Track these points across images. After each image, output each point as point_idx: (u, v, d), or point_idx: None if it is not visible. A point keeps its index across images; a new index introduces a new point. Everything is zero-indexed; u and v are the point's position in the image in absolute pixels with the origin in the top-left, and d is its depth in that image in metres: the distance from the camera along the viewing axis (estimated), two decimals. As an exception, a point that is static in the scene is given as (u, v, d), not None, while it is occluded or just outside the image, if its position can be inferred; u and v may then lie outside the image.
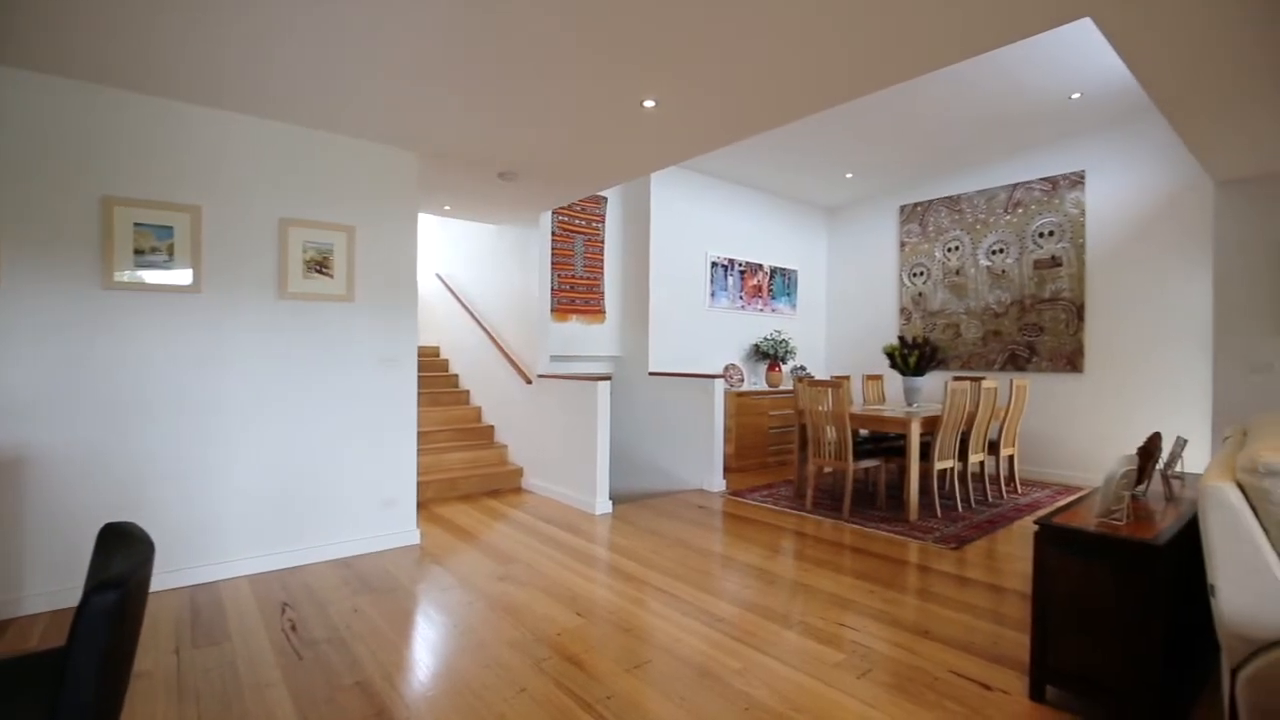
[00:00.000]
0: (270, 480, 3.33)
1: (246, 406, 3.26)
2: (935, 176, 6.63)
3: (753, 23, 2.32)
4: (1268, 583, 1.46)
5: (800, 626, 2.64)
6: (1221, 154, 3.72)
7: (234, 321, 3.22)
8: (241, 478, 3.25)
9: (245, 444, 3.25)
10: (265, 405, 3.31)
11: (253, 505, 3.28)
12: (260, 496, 3.30)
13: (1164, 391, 5.18)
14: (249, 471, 3.27)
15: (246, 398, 3.26)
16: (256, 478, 3.29)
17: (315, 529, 3.47)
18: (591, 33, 2.41)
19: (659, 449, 5.85)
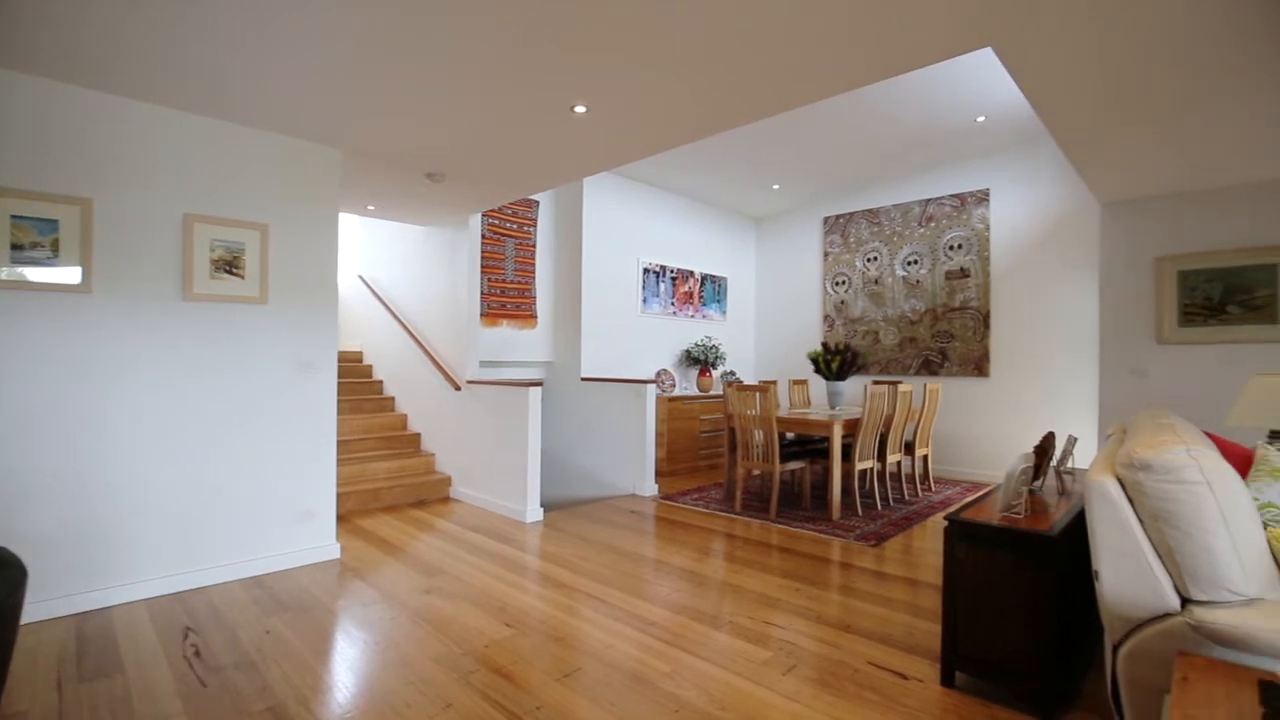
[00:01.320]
0: (171, 495, 3.09)
1: (144, 415, 3.02)
2: (856, 190, 6.95)
3: (680, 38, 2.37)
4: (1142, 568, 1.61)
5: (729, 626, 2.69)
6: (1105, 178, 4.09)
7: (131, 324, 2.98)
8: (137, 493, 3.00)
9: (142, 456, 3.01)
10: (167, 414, 3.08)
11: (151, 523, 3.04)
12: (160, 513, 3.06)
13: (1059, 393, 5.62)
14: (146, 486, 3.02)
15: (145, 406, 3.02)
16: (155, 493, 3.05)
17: (224, 546, 3.25)
18: (523, 36, 2.38)
19: (591, 455, 5.83)
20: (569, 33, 2.36)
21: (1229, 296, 4.20)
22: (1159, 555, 1.60)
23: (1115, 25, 2.26)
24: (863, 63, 2.56)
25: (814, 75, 2.68)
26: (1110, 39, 2.36)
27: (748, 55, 2.51)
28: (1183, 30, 2.29)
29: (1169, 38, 2.34)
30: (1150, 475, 1.56)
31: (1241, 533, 1.54)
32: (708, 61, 2.57)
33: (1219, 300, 4.23)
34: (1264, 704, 1.22)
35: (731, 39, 2.39)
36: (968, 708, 2.06)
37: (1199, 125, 3.18)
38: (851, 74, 2.66)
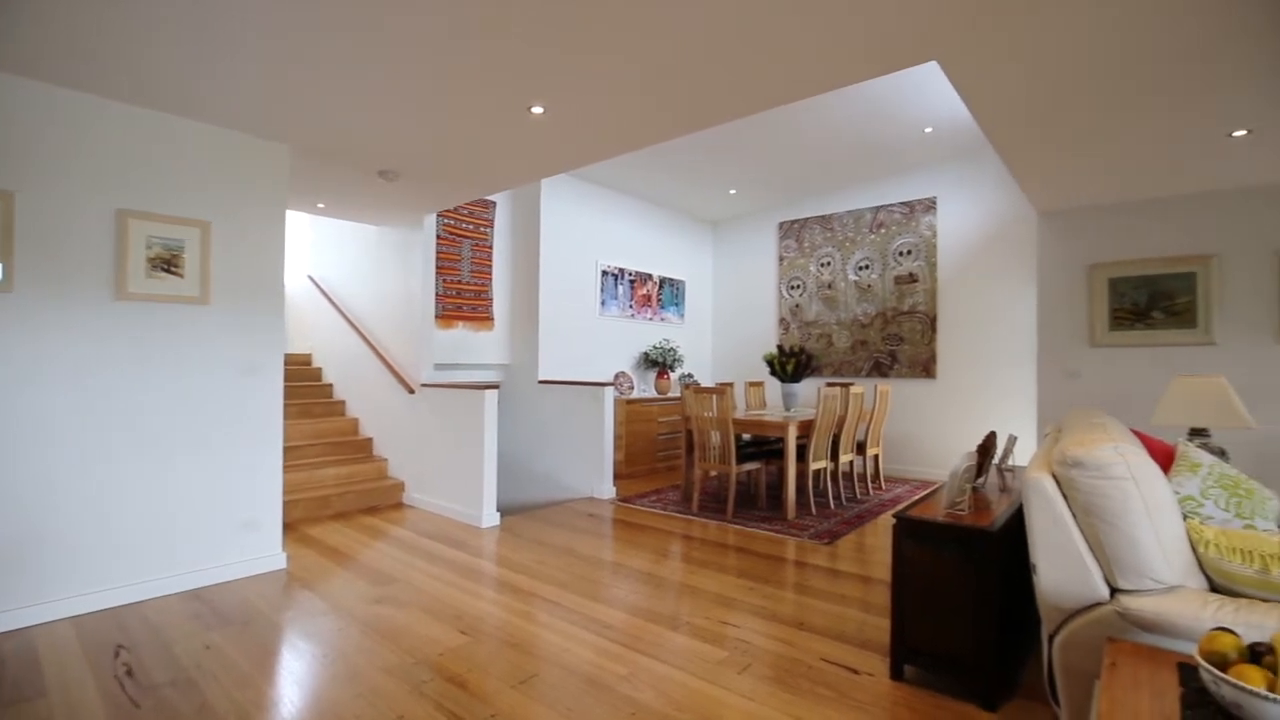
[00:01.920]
0: (104, 506, 2.93)
1: (74, 420, 2.85)
2: (810, 196, 7.10)
3: (637, 45, 2.38)
4: (1075, 560, 1.69)
5: (686, 628, 2.71)
6: (1042, 189, 4.29)
7: (58, 324, 2.82)
8: (66, 504, 2.83)
9: (70, 464, 2.84)
10: (99, 419, 2.92)
11: (81, 536, 2.87)
12: (91, 525, 2.89)
13: (1001, 394, 5.86)
14: (76, 497, 2.86)
15: (74, 410, 2.85)
16: (86, 504, 2.88)
17: (161, 558, 3.09)
18: (479, 35, 2.36)
19: (549, 458, 5.79)
20: (526, 33, 2.34)
21: (1154, 302, 4.46)
22: (1090, 548, 1.69)
23: (1050, 49, 2.37)
24: (816, 72, 2.62)
25: (768, 84, 2.74)
26: (1045, 61, 2.48)
27: (704, 63, 2.55)
28: (1114, 54, 2.42)
29: (1098, 63, 2.48)
30: (1082, 472, 1.65)
31: (1164, 524, 1.63)
32: (665, 68, 2.59)
33: (1145, 306, 4.49)
34: (1182, 684, 1.30)
35: (688, 47, 2.42)
36: (916, 699, 2.12)
37: (1126, 143, 3.37)
38: (805, 83, 2.73)
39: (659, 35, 2.35)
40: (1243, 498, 2.24)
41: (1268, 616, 1.46)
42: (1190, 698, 1.25)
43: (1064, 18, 2.19)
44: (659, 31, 2.32)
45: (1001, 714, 2.04)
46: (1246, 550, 1.61)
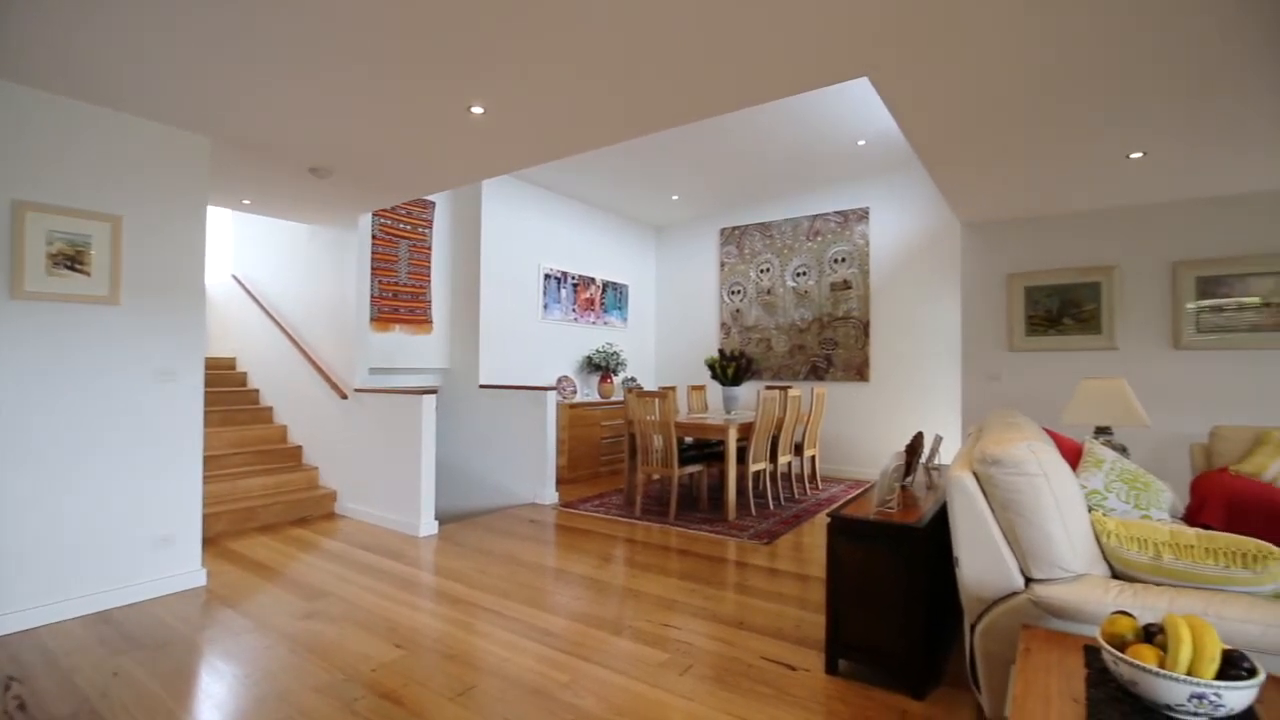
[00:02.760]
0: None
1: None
2: (750, 204, 7.26)
3: (577, 48, 2.38)
4: (993, 552, 1.79)
5: (629, 632, 2.71)
6: (965, 202, 4.53)
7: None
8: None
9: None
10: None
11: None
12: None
13: (929, 396, 6.14)
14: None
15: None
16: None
17: (63, 579, 2.86)
18: (416, 31, 2.30)
19: (490, 464, 5.69)
20: (465, 32, 2.31)
21: (1064, 310, 4.78)
22: (1007, 540, 1.79)
23: (972, 73, 2.52)
24: (756, 83, 2.69)
25: (707, 93, 2.79)
26: (968, 84, 2.62)
27: (645, 70, 2.57)
28: (1029, 81, 2.59)
29: (1015, 88, 2.64)
30: (999, 469, 1.75)
31: (1071, 517, 1.75)
32: (607, 73, 2.60)
33: (1057, 313, 4.81)
34: (1087, 665, 1.40)
35: (630, 53, 2.43)
36: (849, 693, 2.19)
37: (1040, 162, 3.61)
38: (745, 93, 2.79)
39: (601, 39, 2.35)
40: (1140, 490, 2.43)
41: (1160, 599, 1.59)
42: (1094, 677, 1.34)
43: (984, 46, 2.33)
44: (601, 35, 2.33)
45: (928, 702, 2.13)
46: (1142, 539, 1.74)
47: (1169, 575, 1.69)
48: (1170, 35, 2.28)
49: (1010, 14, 2.14)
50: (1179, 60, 2.47)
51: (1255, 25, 2.21)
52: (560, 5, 2.13)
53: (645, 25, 2.24)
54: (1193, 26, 2.22)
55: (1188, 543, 1.70)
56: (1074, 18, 2.17)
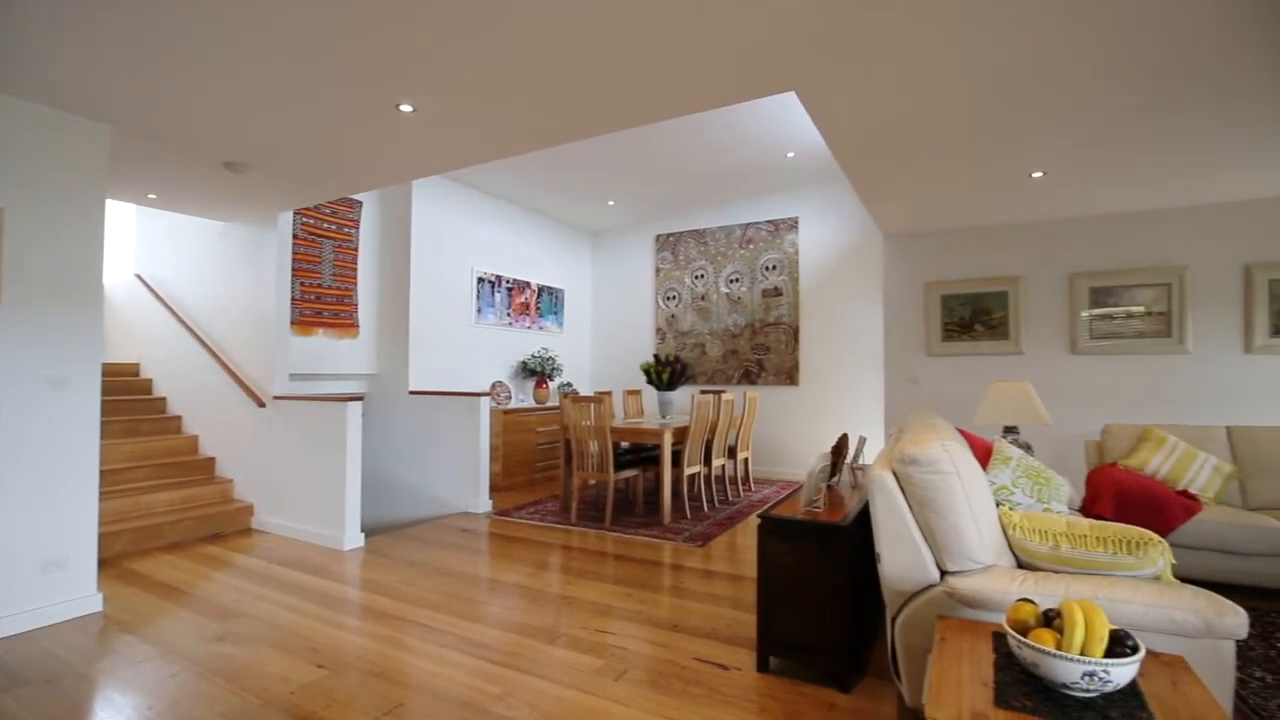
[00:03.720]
0: None
1: None
2: (685, 211, 7.38)
3: (507, 51, 2.35)
4: (912, 547, 1.89)
5: (564, 640, 2.69)
6: (886, 214, 4.76)
7: None
8: None
9: None
10: None
11: None
12: None
13: (855, 399, 6.40)
14: None
15: None
16: None
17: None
18: (341, 23, 2.22)
19: (420, 473, 5.52)
20: (393, 25, 2.24)
21: (976, 317, 5.10)
22: (924, 536, 1.89)
23: (890, 93, 2.65)
24: (686, 93, 2.74)
25: (635, 102, 2.83)
26: (887, 103, 2.76)
27: (578, 76, 2.57)
28: (940, 103, 2.75)
29: (929, 109, 2.80)
30: (916, 468, 1.84)
31: (981, 512, 1.87)
32: (540, 76, 2.59)
33: (970, 320, 5.12)
34: (995, 650, 1.49)
35: (562, 58, 2.43)
36: (779, 689, 2.25)
37: (953, 178, 3.84)
38: (672, 103, 2.84)
39: (529, 45, 2.34)
40: (1043, 485, 2.61)
41: (1058, 585, 1.71)
42: (1001, 661, 1.43)
43: (902, 70, 2.46)
44: (529, 41, 2.31)
45: (854, 694, 2.21)
46: (1043, 530, 1.87)
47: (1066, 563, 1.82)
48: (1067, 66, 2.48)
49: (926, 42, 2.27)
50: (1075, 88, 2.69)
51: (1145, 61, 2.43)
52: (488, 11, 2.10)
53: (574, 36, 2.24)
54: (1088, 58, 2.42)
55: (1082, 533, 1.84)
56: (981, 47, 2.32)
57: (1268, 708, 2.11)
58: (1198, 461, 3.55)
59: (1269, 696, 2.18)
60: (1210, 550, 3.14)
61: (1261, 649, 2.54)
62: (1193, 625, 1.58)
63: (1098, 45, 2.33)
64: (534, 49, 2.38)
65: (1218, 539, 3.12)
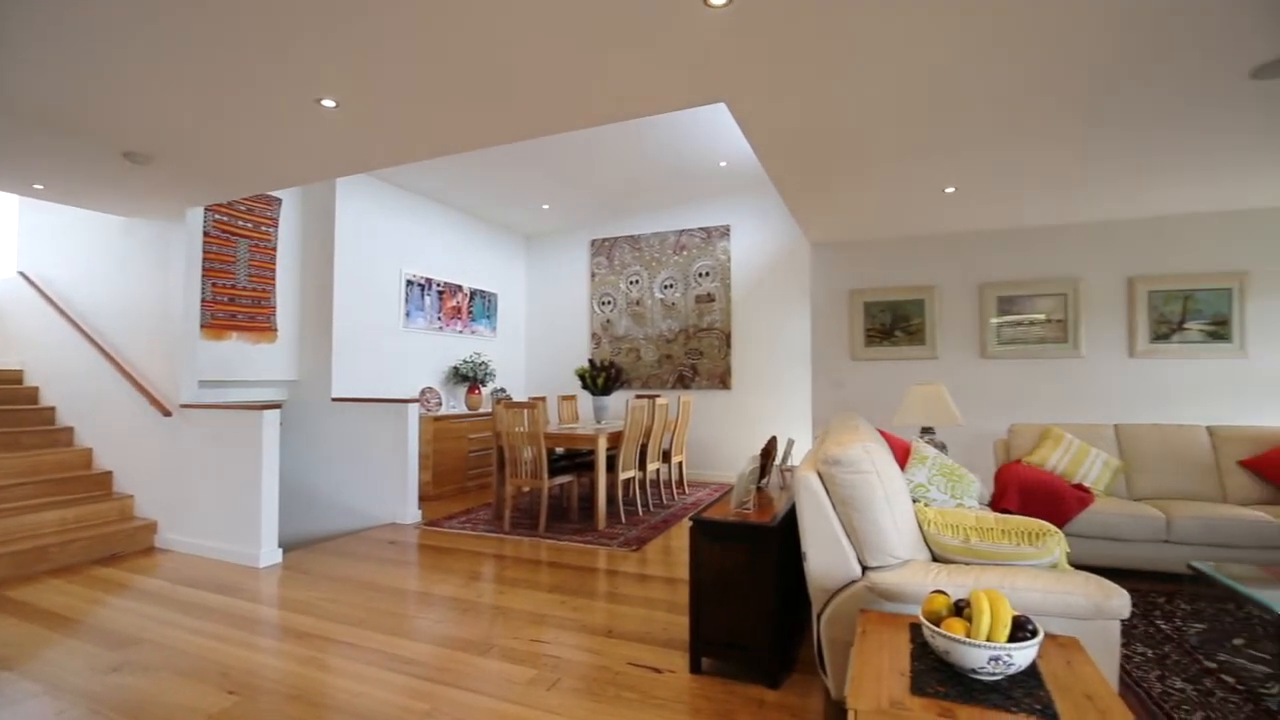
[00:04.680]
0: None
1: None
2: (620, 216, 7.41)
3: (433, 50, 2.30)
4: (835, 545, 1.96)
5: (496, 651, 2.63)
6: (813, 224, 4.94)
7: None
8: None
9: None
10: None
11: None
12: None
13: (785, 402, 6.59)
14: None
15: None
16: None
17: None
18: (256, 8, 2.11)
19: (345, 483, 5.28)
20: (313, 15, 2.15)
21: (896, 323, 5.36)
22: (846, 533, 1.97)
23: (814, 110, 2.76)
24: (612, 102, 2.76)
25: (566, 107, 2.82)
26: (811, 119, 2.87)
27: (505, 79, 2.54)
28: (861, 118, 2.89)
29: (850, 125, 2.94)
30: (839, 469, 1.92)
31: (899, 509, 1.96)
32: (468, 76, 2.54)
33: (890, 326, 5.38)
34: (912, 641, 1.57)
35: (489, 60, 2.39)
36: (711, 689, 2.28)
37: (874, 191, 4.03)
38: (607, 109, 2.85)
39: (461, 43, 2.30)
40: (956, 482, 2.77)
41: (969, 576, 1.82)
42: (917, 651, 1.51)
43: (823, 87, 2.57)
44: (461, 40, 2.27)
45: (783, 690, 2.27)
46: (954, 525, 1.99)
47: (976, 555, 1.94)
48: (974, 95, 2.65)
49: (848, 62, 2.38)
50: (980, 116, 2.88)
51: (1041, 95, 2.63)
52: (414, 8, 2.05)
53: (503, 38, 2.22)
54: (992, 91, 2.60)
55: (989, 526, 1.96)
56: (897, 72, 2.45)
57: (1148, 679, 2.31)
58: (1090, 457, 3.86)
59: (1149, 669, 2.39)
60: (1100, 538, 3.41)
61: (1143, 627, 2.79)
62: (1084, 608, 1.72)
63: (999, 80, 2.51)
64: (462, 50, 2.33)
65: (1106, 528, 3.40)
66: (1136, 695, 2.20)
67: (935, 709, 1.26)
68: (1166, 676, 2.33)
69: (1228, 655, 2.51)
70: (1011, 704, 1.27)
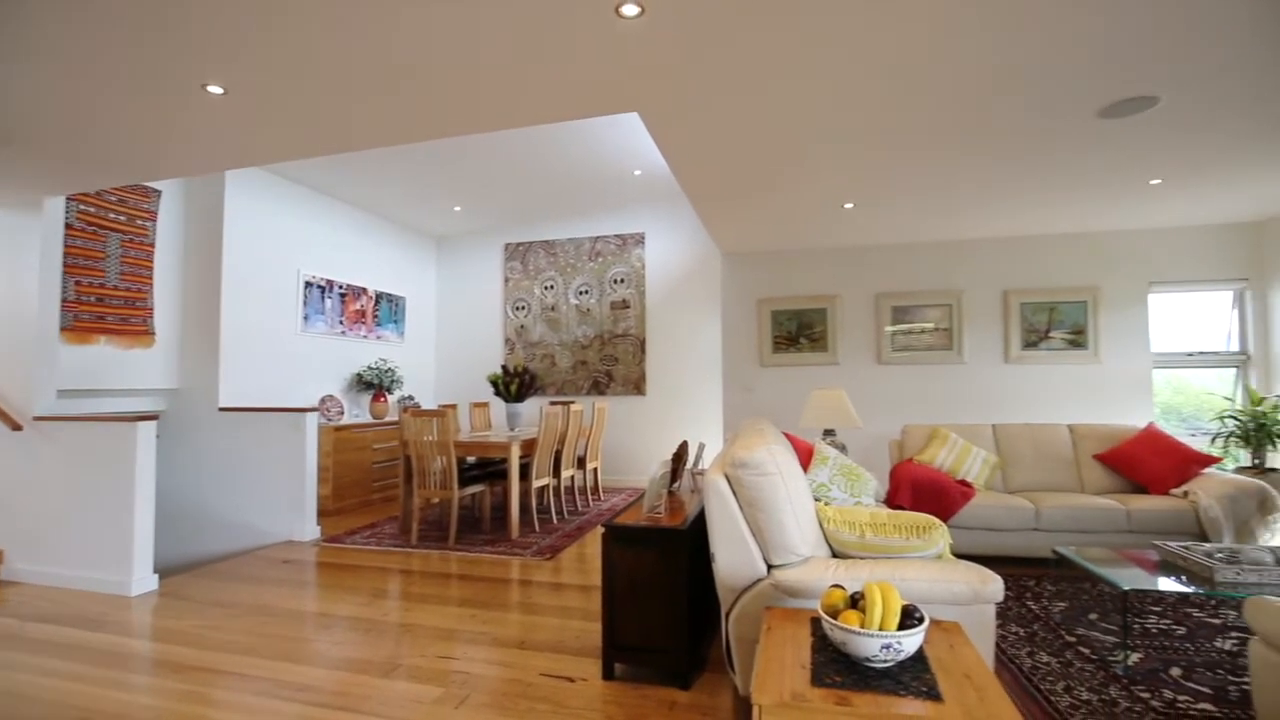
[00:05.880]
0: None
1: None
2: (535, 221, 7.33)
3: (328, 47, 2.20)
4: (742, 545, 2.02)
5: (402, 671, 2.52)
6: (723, 234, 5.10)
7: None
8: None
9: None
10: None
11: None
12: None
13: (698, 407, 6.74)
14: None
15: None
16: None
17: None
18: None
19: (234, 500, 4.89)
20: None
21: (801, 331, 5.62)
22: (753, 534, 2.04)
23: (721, 124, 2.85)
24: (524, 105, 2.73)
25: (475, 109, 2.77)
26: (720, 132, 2.97)
27: (407, 78, 2.46)
28: (767, 134, 3.01)
29: (757, 140, 3.06)
30: (745, 471, 1.98)
31: (801, 509, 2.05)
32: (368, 75, 2.44)
33: (796, 333, 5.63)
34: (813, 634, 1.64)
35: (390, 58, 2.31)
36: (624, 695, 2.29)
37: (780, 205, 4.21)
38: (512, 113, 2.82)
39: (363, 34, 2.20)
40: (855, 481, 2.93)
41: (864, 570, 1.93)
42: (818, 644, 1.58)
43: (731, 104, 2.66)
44: (362, 30, 2.18)
45: (694, 690, 2.32)
46: (851, 522, 2.10)
47: (871, 550, 2.06)
48: (872, 122, 2.84)
49: (753, 82, 2.48)
50: (875, 142, 3.08)
51: (925, 118, 2.85)
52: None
53: (411, 34, 2.15)
54: (883, 123, 2.79)
55: (882, 521, 2.09)
56: (800, 93, 2.58)
57: (1020, 656, 2.54)
58: (972, 455, 4.20)
59: (1021, 647, 2.62)
60: (980, 529, 3.72)
61: (1016, 608, 3.06)
62: (965, 594, 1.86)
63: (882, 109, 2.69)
64: (367, 47, 2.24)
65: (985, 519, 3.71)
66: (1010, 671, 2.40)
67: (833, 698, 1.33)
68: (1035, 652, 2.57)
69: (1084, 629, 2.80)
70: (901, 688, 1.36)
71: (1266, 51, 2.32)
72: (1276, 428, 4.28)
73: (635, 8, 2.00)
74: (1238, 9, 2.05)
